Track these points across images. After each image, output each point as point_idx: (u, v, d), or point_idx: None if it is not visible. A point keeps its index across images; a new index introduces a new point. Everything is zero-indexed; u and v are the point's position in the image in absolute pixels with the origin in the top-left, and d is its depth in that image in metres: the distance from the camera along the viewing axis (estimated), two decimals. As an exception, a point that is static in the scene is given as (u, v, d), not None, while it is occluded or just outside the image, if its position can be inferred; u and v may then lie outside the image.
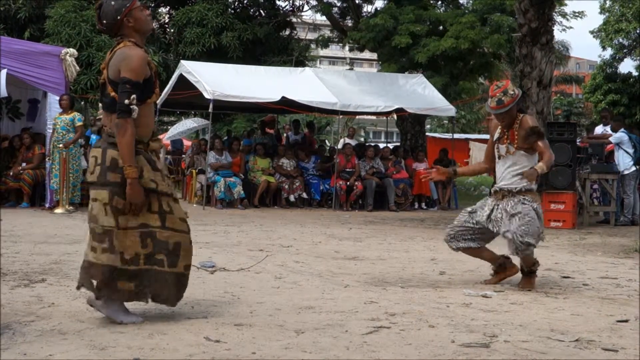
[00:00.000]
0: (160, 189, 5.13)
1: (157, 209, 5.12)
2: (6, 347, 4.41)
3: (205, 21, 22.75)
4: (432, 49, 20.65)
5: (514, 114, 7.02)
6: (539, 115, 16.43)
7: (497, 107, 6.96)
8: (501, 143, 7.11)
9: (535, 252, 6.63)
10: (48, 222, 12.57)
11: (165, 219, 5.14)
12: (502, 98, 6.93)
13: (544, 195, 14.65)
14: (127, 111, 4.99)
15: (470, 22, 20.72)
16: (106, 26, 5.22)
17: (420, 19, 21.78)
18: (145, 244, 5.08)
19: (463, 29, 20.53)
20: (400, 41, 20.78)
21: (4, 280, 6.70)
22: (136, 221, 5.07)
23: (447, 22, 21.48)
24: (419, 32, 21.10)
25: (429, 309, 5.88)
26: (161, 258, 5.09)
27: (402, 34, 20.93)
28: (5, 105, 17.42)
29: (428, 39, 21.14)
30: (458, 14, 21.75)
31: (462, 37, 20.40)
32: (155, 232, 5.10)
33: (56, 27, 21.46)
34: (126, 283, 5.06)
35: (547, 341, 4.89)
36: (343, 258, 9.12)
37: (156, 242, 5.09)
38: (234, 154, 18.34)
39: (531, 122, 6.99)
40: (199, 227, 11.98)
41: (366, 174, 18.66)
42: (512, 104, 6.94)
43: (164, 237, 5.11)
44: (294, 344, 4.64)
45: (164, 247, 5.10)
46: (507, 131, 7.05)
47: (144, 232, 5.08)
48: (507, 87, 7.01)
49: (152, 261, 5.06)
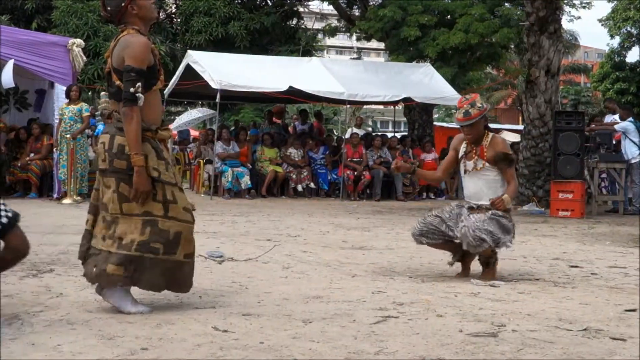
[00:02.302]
0: (162, 178, 5.10)
1: (161, 198, 5.10)
2: (15, 337, 4.41)
3: (212, 10, 22.75)
4: (441, 43, 20.57)
5: (480, 128, 6.90)
6: (547, 104, 16.43)
7: (463, 118, 6.86)
8: (468, 159, 6.99)
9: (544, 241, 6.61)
10: (56, 212, 12.59)
11: (169, 208, 5.12)
12: (470, 110, 6.83)
13: (553, 185, 14.65)
14: (133, 99, 4.98)
15: (480, 14, 20.61)
16: (110, 13, 5.21)
17: (428, 9, 21.69)
18: (144, 231, 5.06)
19: (472, 21, 20.43)
20: (409, 33, 20.70)
21: (12, 271, 6.70)
22: (140, 209, 5.07)
23: (456, 12, 21.38)
24: (428, 22, 21.02)
25: (436, 298, 5.87)
26: (157, 247, 5.05)
27: (410, 26, 20.85)
28: (12, 95, 17.44)
29: (437, 30, 21.05)
30: (467, 4, 21.65)
31: (471, 32, 20.30)
32: (157, 220, 5.08)
33: (63, 17, 21.48)
34: (113, 266, 5.03)
35: (555, 330, 4.88)
36: (351, 248, 9.11)
37: (155, 231, 5.07)
38: (242, 144, 18.34)
39: (502, 146, 6.89)
40: (207, 217, 11.99)
41: (374, 164, 18.66)
42: (479, 117, 6.81)
43: (166, 227, 5.09)
44: (301, 334, 4.64)
45: (163, 235, 5.07)
46: (476, 147, 6.95)
47: (145, 219, 5.07)
48: (475, 100, 6.92)
49: (144, 249, 5.02)
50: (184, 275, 5.24)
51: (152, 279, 5.08)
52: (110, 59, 5.18)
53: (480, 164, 6.89)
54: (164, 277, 5.12)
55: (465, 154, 7.05)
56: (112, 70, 5.17)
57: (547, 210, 15.04)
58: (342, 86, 18.02)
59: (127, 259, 5.02)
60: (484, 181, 6.86)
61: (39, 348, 4.21)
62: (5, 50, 14.57)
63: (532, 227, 12.24)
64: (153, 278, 5.08)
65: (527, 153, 16.70)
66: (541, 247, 9.60)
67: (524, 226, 12.28)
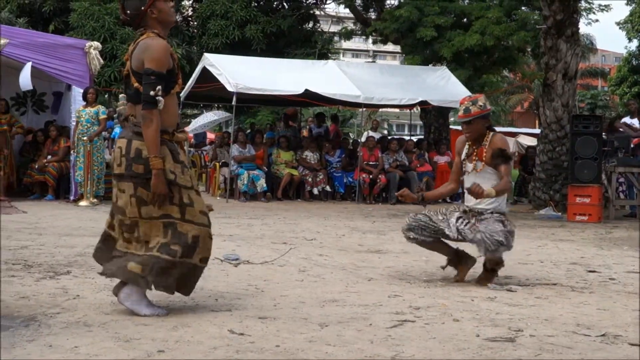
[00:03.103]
0: (178, 181, 5.11)
1: (177, 200, 5.11)
2: (32, 339, 4.43)
3: (229, 14, 22.80)
4: (457, 45, 20.53)
5: (480, 128, 6.86)
6: (564, 108, 16.37)
7: (463, 115, 6.84)
8: (469, 160, 6.94)
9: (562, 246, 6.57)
10: (72, 214, 12.62)
11: (185, 211, 5.13)
12: (470, 107, 6.81)
13: (570, 189, 14.59)
14: (152, 102, 4.98)
15: (496, 17, 20.56)
16: (130, 17, 5.22)
17: (445, 10, 21.66)
18: (166, 234, 5.08)
19: (488, 24, 20.38)
20: (425, 34, 20.67)
21: (29, 272, 6.74)
22: (158, 212, 5.07)
23: (472, 14, 21.34)
24: (444, 24, 20.98)
25: (453, 302, 5.86)
26: (175, 249, 5.06)
27: (426, 26, 20.82)
28: (30, 98, 17.51)
29: (453, 32, 21.02)
30: (483, 7, 21.60)
31: (487, 34, 20.25)
32: (175, 223, 5.09)
33: (80, 20, 21.58)
34: (135, 265, 5.05)
35: (573, 336, 4.86)
36: (367, 251, 9.10)
37: (175, 234, 5.08)
38: (257, 147, 18.34)
39: (500, 143, 6.80)
40: (223, 219, 12.00)
41: (389, 167, 18.63)
42: (479, 116, 6.78)
43: (184, 230, 5.09)
44: (318, 337, 4.63)
45: (181, 239, 5.08)
46: (476, 148, 6.90)
47: (165, 222, 5.09)
48: (477, 98, 6.91)
49: (163, 250, 5.04)
50: (194, 279, 5.24)
51: (165, 281, 5.08)
52: (129, 62, 5.19)
53: (479, 165, 6.82)
54: (178, 280, 5.13)
55: (466, 156, 7.02)
56: (130, 72, 5.17)
57: (564, 215, 14.98)
58: (358, 89, 18.00)
59: (147, 258, 5.04)
60: (483, 183, 6.78)
61: (56, 350, 4.22)
62: (23, 52, 14.63)
63: (549, 231, 12.19)
64: (167, 280, 5.08)
65: (544, 157, 16.64)
66: (558, 251, 9.56)
67: (541, 230, 12.25)
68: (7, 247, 8.31)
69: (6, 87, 16.82)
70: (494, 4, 21.98)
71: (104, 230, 5.37)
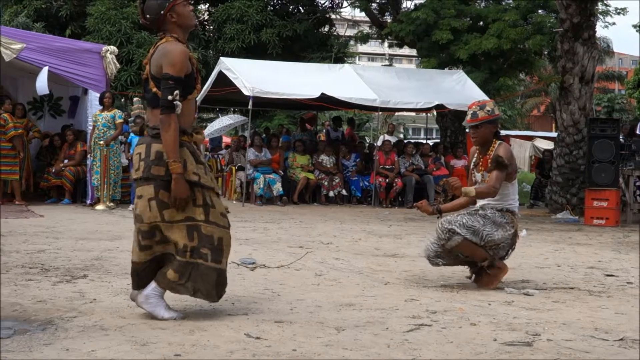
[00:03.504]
0: (202, 182, 5.13)
1: (201, 202, 5.12)
2: (49, 343, 4.44)
3: (245, 18, 22.81)
4: (473, 47, 20.48)
5: (487, 134, 6.82)
6: (581, 111, 16.32)
7: (470, 120, 6.82)
8: (477, 170, 6.93)
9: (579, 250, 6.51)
10: (89, 218, 12.66)
11: (209, 212, 5.14)
12: (477, 112, 6.78)
13: (587, 192, 14.54)
14: (170, 107, 4.99)
15: (513, 20, 20.50)
16: (149, 21, 5.23)
17: (461, 13, 21.62)
18: (192, 236, 5.08)
19: (505, 27, 20.32)
20: (441, 36, 20.64)
21: (46, 276, 6.76)
22: (181, 215, 5.08)
23: (489, 17, 21.30)
24: (461, 27, 20.94)
25: (470, 306, 5.84)
26: (206, 252, 5.08)
27: (443, 29, 20.78)
28: (47, 102, 17.59)
29: (469, 35, 20.98)
30: (500, 10, 21.55)
31: (504, 37, 20.19)
32: (199, 225, 5.10)
33: (97, 24, 21.64)
34: (173, 273, 5.07)
35: (590, 340, 4.83)
36: (383, 255, 9.09)
37: (202, 236, 5.09)
38: (273, 151, 18.36)
39: (502, 152, 6.72)
40: (239, 223, 12.01)
41: (406, 171, 18.60)
42: (485, 121, 6.75)
43: (208, 232, 5.11)
44: (334, 341, 4.63)
45: (208, 241, 5.10)
46: (482, 157, 6.87)
47: (189, 225, 5.09)
48: (485, 104, 6.88)
49: (197, 254, 5.06)
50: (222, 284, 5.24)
51: (204, 287, 5.09)
52: (149, 66, 5.19)
53: (486, 176, 6.79)
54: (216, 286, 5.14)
55: (474, 165, 6.99)
56: (149, 77, 5.18)
57: (581, 219, 14.94)
58: (374, 93, 17.99)
59: (183, 266, 5.06)
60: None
61: (73, 353, 4.23)
62: (40, 57, 14.70)
63: (566, 235, 12.15)
64: (205, 286, 5.09)
65: (561, 160, 16.59)
66: (576, 255, 9.52)
67: (558, 234, 12.21)
68: (25, 250, 8.35)
69: (23, 92, 16.94)
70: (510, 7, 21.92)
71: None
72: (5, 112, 15.06)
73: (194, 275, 5.06)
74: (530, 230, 12.62)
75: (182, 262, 5.06)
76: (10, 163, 14.97)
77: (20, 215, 12.63)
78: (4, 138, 14.93)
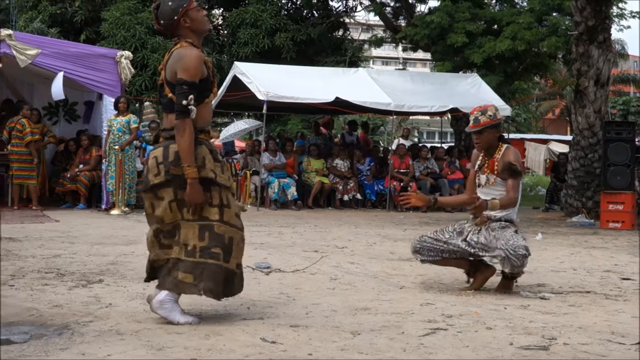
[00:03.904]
0: (218, 180, 5.14)
1: (217, 202, 5.13)
2: (65, 347, 4.45)
3: (259, 22, 22.84)
4: (487, 50, 20.45)
5: (491, 139, 6.77)
6: (596, 114, 16.26)
7: (472, 125, 6.77)
8: (482, 172, 6.85)
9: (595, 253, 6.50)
10: (104, 223, 12.70)
11: (224, 212, 5.15)
12: (479, 117, 6.73)
13: (603, 196, 14.49)
14: (185, 112, 5.00)
15: (527, 22, 20.46)
16: (163, 26, 5.24)
17: (476, 17, 21.60)
18: (203, 236, 5.09)
19: (519, 29, 20.29)
20: (455, 40, 20.62)
21: (62, 281, 6.78)
22: (197, 214, 5.09)
23: (503, 21, 21.27)
24: (475, 30, 20.91)
25: (486, 310, 5.82)
26: (217, 252, 5.08)
27: (457, 32, 20.77)
28: (62, 107, 17.67)
29: (483, 38, 20.95)
30: (514, 13, 21.52)
31: (518, 39, 20.16)
32: (213, 225, 5.11)
33: (111, 29, 21.71)
34: (184, 274, 5.07)
35: (607, 344, 4.81)
36: (398, 259, 9.07)
37: (213, 236, 5.09)
38: (288, 155, 18.37)
39: (512, 157, 6.67)
40: (254, 227, 12.02)
41: (420, 175, 18.59)
42: (488, 126, 6.70)
43: (221, 231, 5.11)
44: (350, 346, 4.62)
45: (220, 240, 5.10)
46: (488, 160, 6.82)
47: (202, 225, 5.10)
48: (487, 108, 6.82)
49: (207, 254, 5.06)
50: (234, 285, 5.24)
51: (214, 286, 5.09)
52: (164, 72, 5.20)
53: (492, 178, 6.72)
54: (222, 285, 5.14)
55: (479, 167, 6.96)
56: (164, 82, 5.19)
57: (596, 222, 14.88)
58: (389, 97, 17.98)
59: (193, 266, 5.06)
60: (496, 196, 6.65)
61: (89, 358, 4.24)
62: (55, 62, 14.77)
63: (582, 238, 12.10)
64: (215, 286, 5.10)
65: (576, 164, 16.54)
66: (591, 259, 9.48)
67: (573, 238, 12.17)
68: (40, 255, 8.38)
69: (38, 97, 17.02)
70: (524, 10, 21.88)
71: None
72: (23, 117, 15.15)
73: (206, 275, 5.06)
74: (546, 233, 12.58)
75: (192, 263, 5.07)
76: (27, 168, 15.06)
77: (36, 220, 12.68)
78: (22, 143, 15.01)
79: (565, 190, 17.05)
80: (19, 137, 15.00)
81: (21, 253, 8.52)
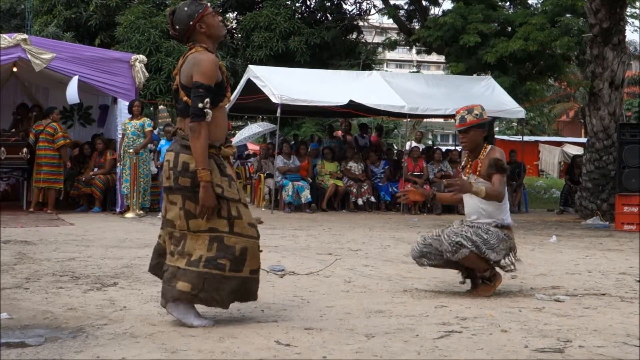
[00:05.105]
0: (225, 195, 5.12)
1: (225, 214, 5.11)
2: (80, 350, 4.46)
3: (273, 26, 22.89)
4: (500, 50, 20.42)
5: (476, 137, 6.71)
6: (610, 116, 16.21)
7: (458, 124, 6.74)
8: (464, 173, 6.82)
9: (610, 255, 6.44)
10: (119, 226, 12.73)
11: (234, 224, 5.13)
12: (465, 116, 6.69)
13: (617, 198, 14.44)
14: (201, 115, 5.01)
15: (540, 23, 20.43)
16: (179, 32, 5.25)
17: (489, 19, 21.57)
18: (212, 247, 5.08)
19: (532, 30, 20.26)
20: (468, 40, 20.60)
21: (77, 284, 6.80)
22: (206, 225, 5.09)
23: (516, 22, 21.25)
24: (489, 30, 20.88)
25: (500, 313, 5.80)
26: (224, 263, 5.07)
27: (470, 33, 20.75)
28: (77, 111, 17.74)
29: (497, 39, 20.93)
30: (527, 14, 21.48)
31: (531, 39, 20.13)
32: (223, 236, 5.10)
33: (126, 33, 21.81)
34: (183, 283, 5.06)
35: (623, 346, 4.78)
36: (412, 262, 9.03)
37: (222, 247, 5.09)
38: (302, 158, 18.37)
39: (498, 154, 6.62)
40: (268, 231, 12.02)
41: (434, 177, 18.56)
42: (474, 125, 6.65)
43: (231, 242, 5.10)
44: (364, 348, 4.61)
45: (229, 252, 5.08)
46: (472, 160, 6.76)
47: (212, 236, 5.10)
48: (473, 108, 6.77)
49: (212, 265, 5.05)
50: (248, 290, 5.24)
51: (218, 296, 5.09)
52: (179, 76, 5.22)
53: (472, 179, 6.66)
54: (230, 294, 5.13)
55: (462, 167, 6.93)
56: (180, 87, 5.20)
57: (611, 224, 14.83)
58: (403, 100, 17.97)
59: (195, 276, 5.05)
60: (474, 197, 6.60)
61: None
62: (70, 66, 14.83)
63: (597, 241, 12.05)
64: (219, 295, 5.09)
65: (590, 166, 16.49)
66: (607, 261, 9.44)
67: (588, 240, 12.12)
68: (55, 259, 8.41)
69: (53, 101, 17.07)
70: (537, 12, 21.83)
71: (157, 242, 5.42)
72: (53, 121, 15.21)
73: (207, 286, 5.04)
74: (561, 236, 12.54)
75: (193, 273, 5.06)
76: (56, 172, 15.17)
77: (51, 224, 12.72)
78: (52, 147, 15.06)
79: (580, 193, 17.00)
80: (48, 141, 15.04)
81: (36, 256, 8.55)
